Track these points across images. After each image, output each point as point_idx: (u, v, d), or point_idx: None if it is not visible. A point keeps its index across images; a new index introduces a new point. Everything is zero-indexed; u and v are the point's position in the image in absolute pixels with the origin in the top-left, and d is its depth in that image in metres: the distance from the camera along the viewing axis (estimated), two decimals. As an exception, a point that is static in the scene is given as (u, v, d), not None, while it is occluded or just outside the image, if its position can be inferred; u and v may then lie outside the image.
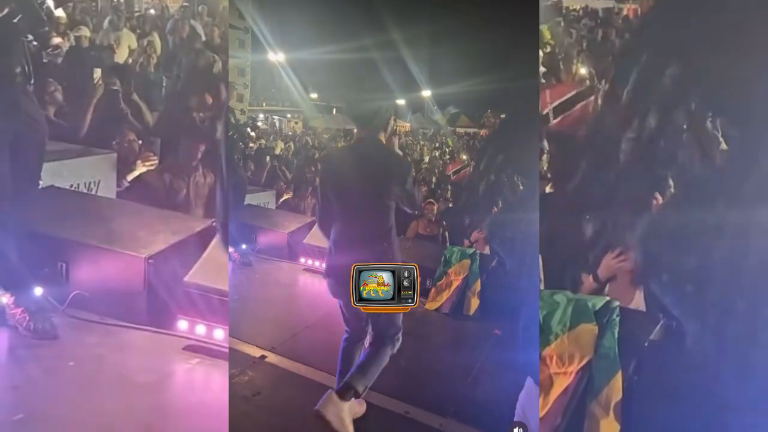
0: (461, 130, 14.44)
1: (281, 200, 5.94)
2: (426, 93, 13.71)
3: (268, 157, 6.23)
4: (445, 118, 14.01)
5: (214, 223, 2.66)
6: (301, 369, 2.61)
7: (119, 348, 2.13)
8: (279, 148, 8.87)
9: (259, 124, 8.86)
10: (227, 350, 2.13)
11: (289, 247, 4.47)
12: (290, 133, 12.13)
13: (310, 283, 4.15)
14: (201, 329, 2.17)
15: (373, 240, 2.26)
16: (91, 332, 2.18)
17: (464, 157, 9.90)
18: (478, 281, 3.98)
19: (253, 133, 7.68)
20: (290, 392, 2.41)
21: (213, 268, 2.17)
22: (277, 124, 12.49)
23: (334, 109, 14.46)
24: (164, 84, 4.71)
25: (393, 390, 2.47)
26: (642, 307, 2.69)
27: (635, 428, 1.69)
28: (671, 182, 2.51)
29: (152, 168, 3.67)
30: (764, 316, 1.53)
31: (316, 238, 4.39)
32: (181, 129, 4.01)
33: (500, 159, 4.20)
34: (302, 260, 4.43)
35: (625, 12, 6.14)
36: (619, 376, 1.69)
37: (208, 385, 2.02)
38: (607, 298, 1.81)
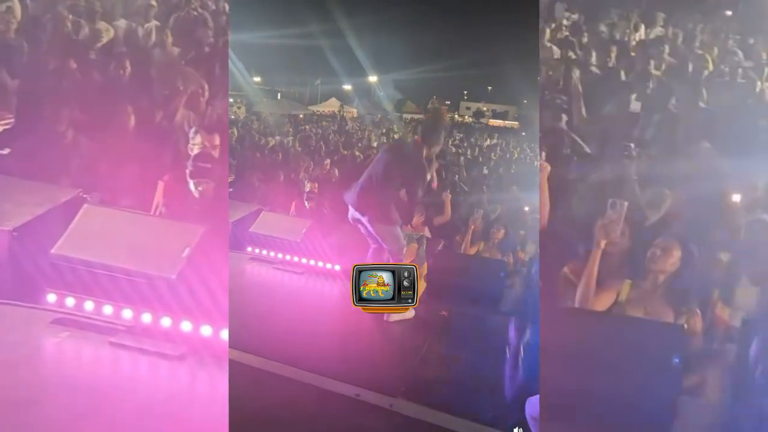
0: (408, 116, 14.56)
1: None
2: (373, 78, 13.67)
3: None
4: (391, 104, 14.04)
5: (81, 193, 2.57)
6: (252, 360, 2.58)
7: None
8: (221, 133, 8.55)
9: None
10: (98, 322, 2.08)
11: (234, 237, 4.36)
12: (233, 117, 11.72)
13: (257, 273, 4.09)
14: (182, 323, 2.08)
15: None
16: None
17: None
18: (425, 264, 4.08)
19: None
20: (238, 383, 2.39)
21: (81, 239, 2.07)
22: (219, 108, 11.99)
23: (279, 94, 14.10)
24: (25, 50, 4.42)
25: (343, 373, 2.51)
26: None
27: (550, 393, 1.96)
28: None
29: (8, 127, 3.48)
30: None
31: (262, 226, 4.31)
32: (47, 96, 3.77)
33: None
34: (249, 249, 4.34)
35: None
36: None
37: (78, 359, 1.98)
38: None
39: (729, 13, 5.77)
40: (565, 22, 5.40)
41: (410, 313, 3.28)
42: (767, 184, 2.89)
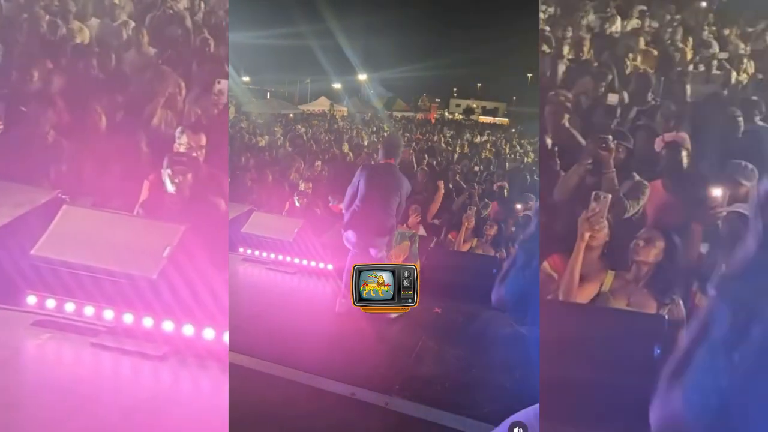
0: (398, 114, 14.55)
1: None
2: (362, 77, 13.63)
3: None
4: (381, 102, 14.01)
5: (60, 194, 2.54)
6: (243, 360, 2.57)
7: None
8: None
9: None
10: (79, 323, 2.06)
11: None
12: (222, 118, 11.59)
13: (250, 274, 4.07)
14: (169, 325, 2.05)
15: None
16: (-70, 311, 2.04)
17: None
18: (418, 262, 4.09)
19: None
20: (232, 383, 2.38)
21: (61, 240, 2.06)
22: (208, 109, 11.86)
23: (268, 93, 14.01)
24: (1, 52, 4.37)
25: (338, 372, 2.51)
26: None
27: (549, 384, 1.97)
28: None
29: None
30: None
31: (254, 227, 4.29)
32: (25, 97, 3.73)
33: None
34: (240, 250, 4.31)
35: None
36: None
37: (60, 360, 1.97)
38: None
39: (704, 4, 5.82)
40: (541, 15, 5.41)
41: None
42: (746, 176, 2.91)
